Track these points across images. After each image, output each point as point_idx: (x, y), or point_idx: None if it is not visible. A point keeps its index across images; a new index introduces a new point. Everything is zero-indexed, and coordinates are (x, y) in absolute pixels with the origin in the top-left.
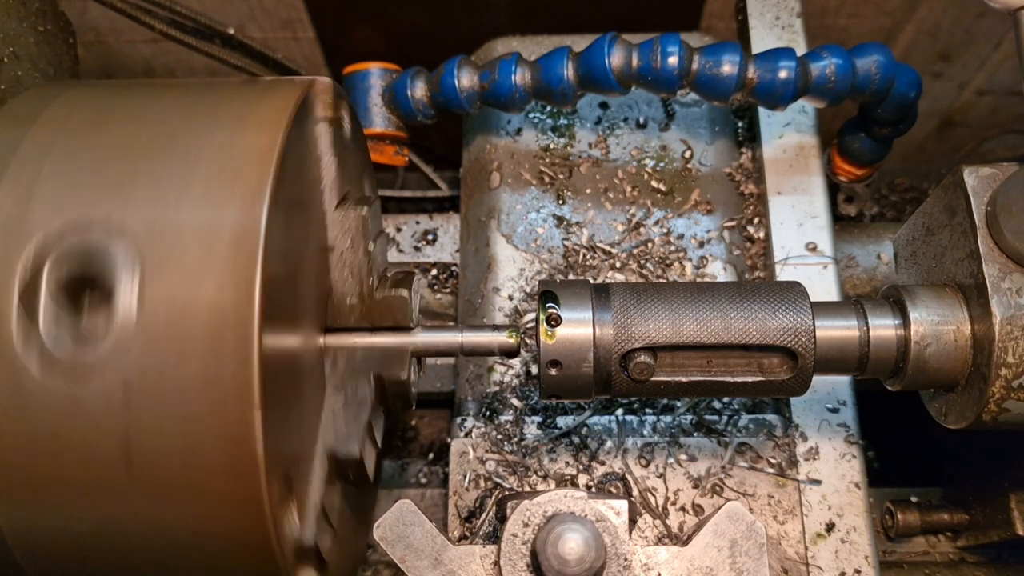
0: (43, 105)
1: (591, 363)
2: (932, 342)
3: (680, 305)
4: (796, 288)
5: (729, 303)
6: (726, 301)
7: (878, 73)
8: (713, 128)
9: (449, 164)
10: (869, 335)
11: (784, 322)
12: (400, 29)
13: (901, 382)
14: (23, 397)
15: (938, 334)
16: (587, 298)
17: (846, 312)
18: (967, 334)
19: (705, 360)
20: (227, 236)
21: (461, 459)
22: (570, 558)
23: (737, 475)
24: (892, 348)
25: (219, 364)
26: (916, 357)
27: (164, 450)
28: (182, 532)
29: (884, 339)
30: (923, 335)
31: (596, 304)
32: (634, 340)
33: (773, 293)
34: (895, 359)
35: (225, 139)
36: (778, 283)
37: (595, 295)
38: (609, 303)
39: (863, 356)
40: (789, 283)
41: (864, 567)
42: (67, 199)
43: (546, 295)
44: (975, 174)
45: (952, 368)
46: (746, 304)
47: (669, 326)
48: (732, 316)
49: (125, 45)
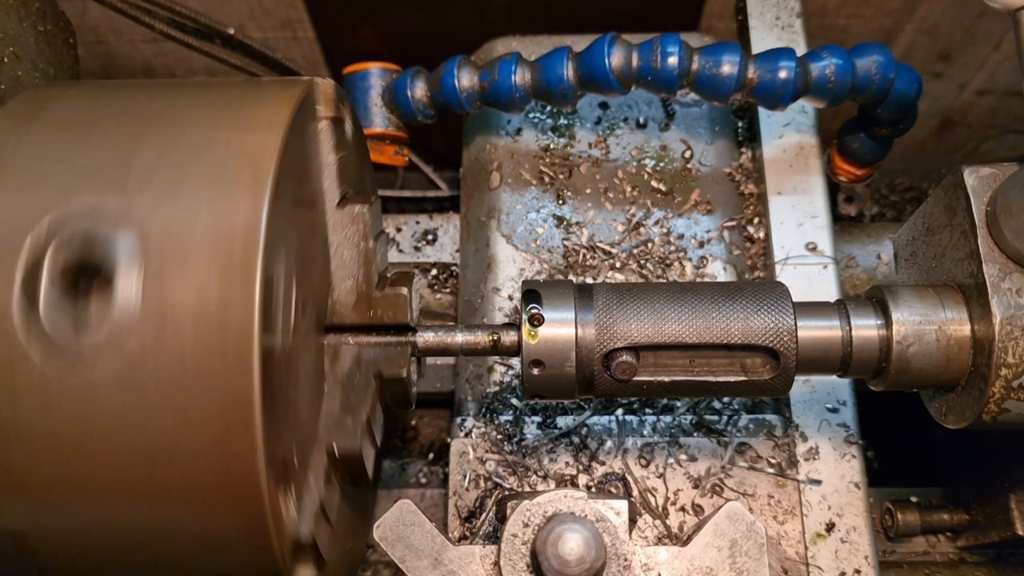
0: (43, 105)
1: (573, 363)
2: (914, 342)
3: (662, 305)
4: (779, 288)
5: (711, 303)
6: (708, 301)
7: (878, 73)
8: (713, 128)
9: (449, 164)
10: (852, 335)
11: (766, 322)
12: (400, 29)
13: (884, 382)
14: (19, 382)
15: (920, 334)
16: (570, 298)
17: (828, 312)
18: (951, 334)
19: (688, 360)
20: (227, 235)
21: (461, 459)
22: (570, 558)
23: (737, 475)
24: (875, 348)
25: (219, 362)
26: (898, 357)
27: (161, 447)
28: (180, 528)
29: (866, 339)
30: (905, 335)
31: (579, 304)
32: (616, 340)
33: (755, 293)
34: (878, 359)
35: (225, 139)
36: (761, 283)
37: (578, 295)
38: (592, 303)
39: (846, 356)
40: (772, 283)
41: (864, 567)
42: (67, 199)
43: (529, 294)
44: (975, 174)
45: (935, 368)
46: (728, 304)
47: (651, 326)
48: (714, 316)
49: (125, 45)
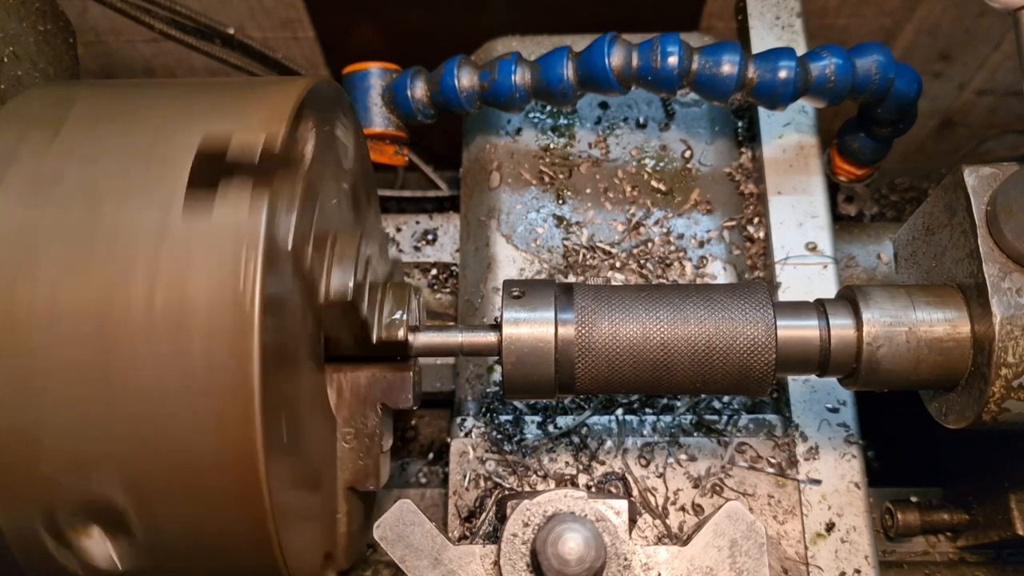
0: (42, 105)
1: (552, 369)
2: (884, 343)
3: (641, 311)
4: (756, 287)
5: (692, 307)
6: (690, 306)
7: (878, 73)
8: (713, 128)
9: (449, 164)
10: (830, 335)
11: (747, 330)
12: (400, 29)
13: (855, 383)
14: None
15: (890, 335)
16: (550, 300)
17: (807, 313)
18: (921, 335)
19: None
20: (228, 235)
21: (461, 459)
22: (570, 558)
23: (737, 475)
24: (851, 349)
25: (219, 362)
26: (868, 358)
27: (166, 453)
28: (184, 533)
29: (842, 339)
30: (875, 336)
31: (559, 308)
32: (595, 349)
33: (735, 294)
34: (853, 360)
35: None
36: (740, 284)
37: (558, 298)
38: (571, 303)
39: (823, 357)
40: (751, 283)
41: (864, 567)
42: (68, 200)
43: (509, 296)
44: (975, 174)
45: (904, 369)
46: (707, 306)
47: (630, 334)
48: (692, 324)
49: (125, 45)
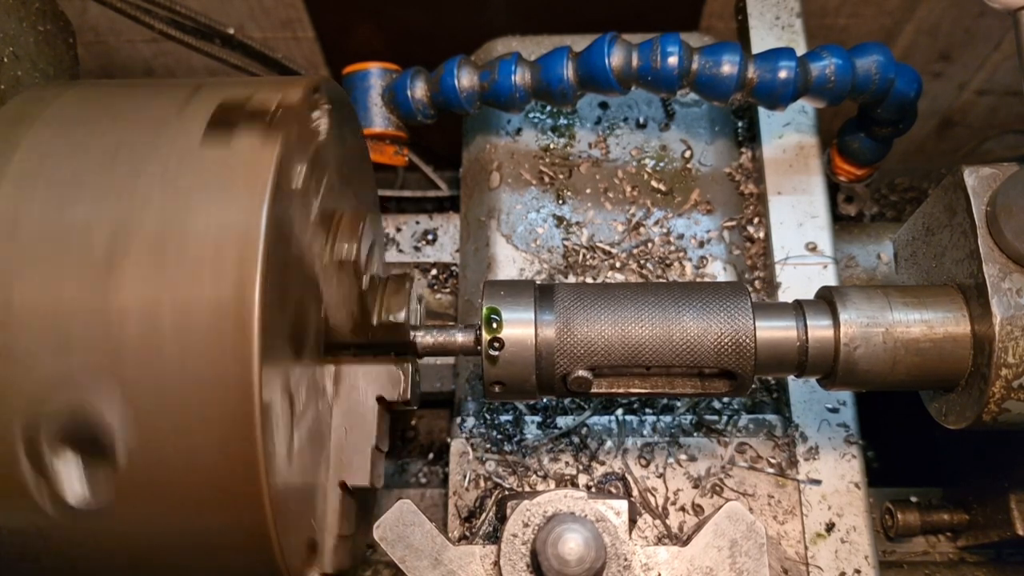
0: (43, 105)
1: (534, 383)
2: (861, 344)
3: (622, 311)
4: (737, 287)
5: (672, 308)
6: (670, 306)
7: (878, 73)
8: (713, 128)
9: (449, 164)
10: (807, 336)
11: (726, 342)
12: (400, 29)
13: (833, 383)
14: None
15: (867, 336)
16: (530, 308)
17: (785, 314)
18: (898, 336)
19: (645, 368)
20: (228, 236)
21: (461, 459)
22: (570, 558)
23: (737, 475)
24: (828, 350)
25: (219, 360)
26: (845, 359)
27: (165, 452)
28: (183, 533)
29: (820, 340)
30: (852, 337)
31: (539, 308)
32: (575, 349)
33: (715, 294)
34: (830, 360)
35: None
36: (721, 284)
37: (538, 304)
38: (552, 305)
39: (801, 358)
40: (732, 283)
41: (864, 567)
42: (68, 200)
43: (491, 311)
44: (975, 174)
45: (882, 370)
46: (688, 307)
47: (610, 343)
48: (672, 320)
49: (125, 45)
